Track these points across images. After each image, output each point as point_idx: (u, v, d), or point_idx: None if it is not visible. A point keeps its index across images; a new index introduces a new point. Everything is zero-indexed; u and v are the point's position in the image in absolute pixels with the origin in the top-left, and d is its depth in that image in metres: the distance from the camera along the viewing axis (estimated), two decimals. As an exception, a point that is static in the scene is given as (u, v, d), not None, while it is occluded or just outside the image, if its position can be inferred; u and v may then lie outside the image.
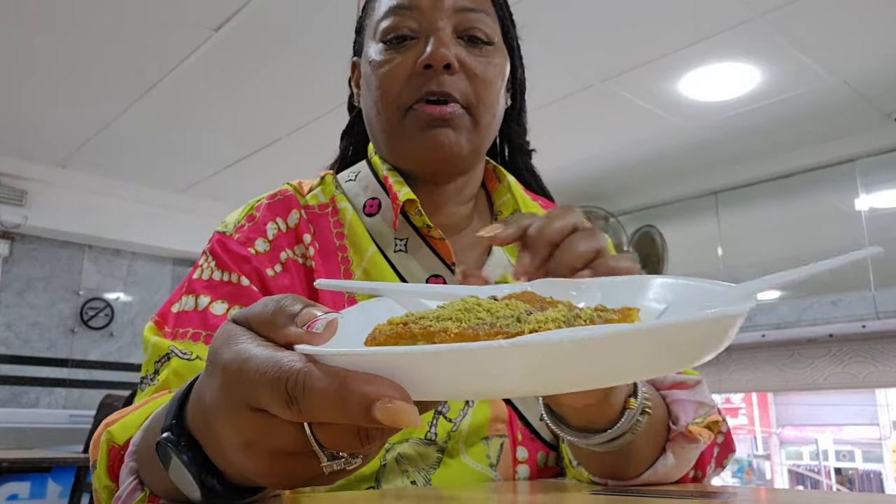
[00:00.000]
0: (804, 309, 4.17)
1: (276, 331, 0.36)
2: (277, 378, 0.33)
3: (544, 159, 0.96)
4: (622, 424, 0.57)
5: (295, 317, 0.36)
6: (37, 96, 3.78)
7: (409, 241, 0.80)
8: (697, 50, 3.18)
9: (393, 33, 0.78)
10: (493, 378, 0.30)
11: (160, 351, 0.69)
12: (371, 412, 0.31)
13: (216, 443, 0.39)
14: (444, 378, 0.31)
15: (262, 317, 0.37)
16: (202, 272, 0.76)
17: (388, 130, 0.79)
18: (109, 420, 0.61)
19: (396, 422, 0.31)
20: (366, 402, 0.31)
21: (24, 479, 3.23)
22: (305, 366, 0.33)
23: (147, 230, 5.28)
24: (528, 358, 0.30)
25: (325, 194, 0.84)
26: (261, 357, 0.34)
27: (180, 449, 0.41)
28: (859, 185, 4.17)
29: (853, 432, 5.95)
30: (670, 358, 0.32)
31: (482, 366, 0.30)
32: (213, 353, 0.37)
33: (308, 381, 0.32)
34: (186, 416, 0.42)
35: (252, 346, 0.35)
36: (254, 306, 0.38)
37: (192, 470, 0.40)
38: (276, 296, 0.38)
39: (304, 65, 3.31)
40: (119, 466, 0.55)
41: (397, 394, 0.31)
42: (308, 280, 0.77)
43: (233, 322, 0.39)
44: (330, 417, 0.33)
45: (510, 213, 0.87)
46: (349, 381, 0.32)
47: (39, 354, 5.00)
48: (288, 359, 0.34)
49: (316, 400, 0.32)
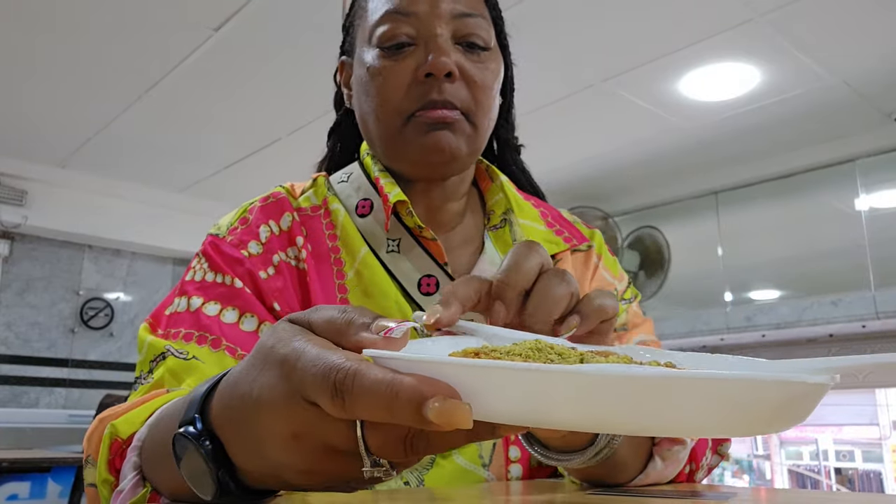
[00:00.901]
0: (804, 309, 4.16)
1: (346, 337, 0.37)
2: (328, 370, 0.33)
3: (544, 159, 0.97)
4: (599, 441, 0.58)
5: (368, 325, 0.36)
6: (37, 96, 3.78)
7: (402, 241, 0.80)
8: (697, 50, 3.18)
9: (391, 41, 0.77)
10: (543, 404, 0.30)
11: (156, 350, 0.69)
12: (422, 411, 0.30)
13: (256, 436, 0.38)
14: (496, 396, 0.31)
15: (334, 323, 0.37)
16: (195, 274, 0.76)
17: (388, 137, 0.79)
18: (105, 415, 0.61)
19: (450, 421, 0.30)
20: (418, 400, 0.31)
21: (24, 479, 3.23)
22: (359, 362, 0.33)
23: (147, 230, 5.28)
24: (579, 387, 0.29)
25: (317, 196, 0.85)
26: (316, 351, 0.35)
27: (201, 443, 0.41)
28: (859, 185, 4.16)
29: (853, 432, 5.95)
30: (744, 416, 0.29)
31: (532, 388, 0.29)
32: (269, 347, 0.37)
33: (359, 375, 0.32)
34: (210, 411, 0.42)
35: (312, 342, 0.36)
36: (318, 312, 0.39)
37: (210, 465, 0.40)
38: (342, 306, 0.39)
39: (304, 65, 3.31)
40: (120, 461, 0.55)
41: (451, 394, 0.31)
42: (301, 282, 0.77)
43: (289, 322, 0.39)
44: (377, 416, 0.32)
45: (502, 212, 0.87)
46: (401, 379, 0.31)
47: (39, 354, 5.00)
48: (343, 354, 0.34)
49: (365, 396, 0.32)
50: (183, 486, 0.43)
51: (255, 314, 0.72)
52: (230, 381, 0.41)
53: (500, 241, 0.85)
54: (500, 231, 0.86)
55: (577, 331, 0.49)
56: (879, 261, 3.98)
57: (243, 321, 0.72)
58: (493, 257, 0.83)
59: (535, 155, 1.01)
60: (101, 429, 0.59)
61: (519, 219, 0.86)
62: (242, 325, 0.72)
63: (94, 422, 0.62)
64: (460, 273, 0.81)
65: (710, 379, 0.28)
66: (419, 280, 0.78)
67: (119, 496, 0.53)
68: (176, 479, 0.44)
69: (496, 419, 0.32)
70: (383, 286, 0.77)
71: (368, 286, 0.77)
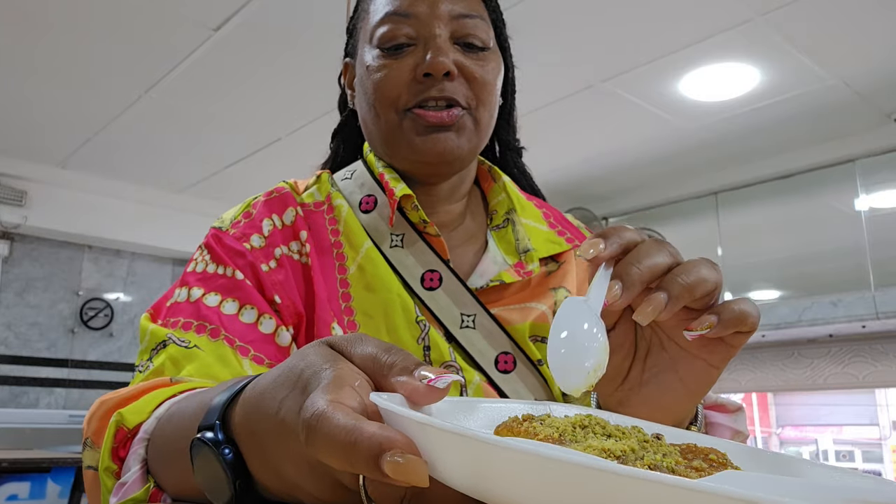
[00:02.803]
0: (804, 309, 4.16)
1: (386, 379, 0.36)
2: (304, 409, 0.33)
3: (544, 159, 0.97)
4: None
5: (411, 371, 0.36)
6: (37, 96, 3.78)
7: (405, 236, 0.80)
8: (697, 50, 3.18)
9: (390, 42, 0.78)
10: (487, 480, 0.28)
11: (157, 338, 0.70)
12: (379, 463, 0.30)
13: (277, 455, 0.38)
14: (444, 462, 0.29)
15: (377, 361, 0.37)
16: (196, 265, 0.76)
17: (385, 133, 0.80)
18: (106, 398, 0.61)
19: (405, 477, 0.29)
20: (376, 451, 0.30)
21: (24, 479, 3.22)
22: (331, 405, 0.32)
23: (147, 230, 5.28)
24: (523, 469, 0.26)
25: (320, 192, 0.85)
26: (324, 385, 0.34)
27: (221, 451, 0.40)
28: (859, 185, 4.16)
29: (853, 432, 5.95)
30: None
31: (474, 461, 0.28)
32: (299, 371, 0.37)
33: (323, 418, 0.32)
34: (232, 419, 0.42)
35: (337, 376, 0.35)
36: (361, 345, 0.38)
37: (229, 474, 0.40)
38: (387, 344, 0.38)
39: (304, 65, 3.31)
40: (125, 451, 0.55)
41: (410, 449, 0.30)
42: (304, 277, 0.77)
43: (329, 345, 0.39)
44: (338, 463, 0.31)
45: (505, 211, 0.87)
46: (362, 429, 0.30)
47: (39, 354, 5.00)
48: (318, 397, 0.33)
49: (326, 440, 0.31)
50: (189, 486, 0.43)
51: (254, 306, 0.73)
52: (256, 392, 0.40)
53: (503, 241, 0.85)
54: (503, 231, 0.86)
55: (711, 333, 0.48)
56: (879, 261, 3.98)
57: (243, 313, 0.72)
58: (496, 256, 0.83)
59: (534, 155, 1.01)
60: (101, 412, 0.59)
61: (522, 218, 0.86)
62: (242, 316, 0.72)
63: (94, 404, 0.62)
64: (463, 270, 0.81)
65: (680, 488, 0.23)
66: (422, 275, 0.78)
67: (122, 487, 0.53)
68: (183, 478, 0.44)
69: (449, 484, 0.31)
70: (386, 280, 0.77)
71: (371, 280, 0.77)
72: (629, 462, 0.31)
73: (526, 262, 0.82)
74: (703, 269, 0.49)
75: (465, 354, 0.76)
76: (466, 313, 0.77)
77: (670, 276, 0.48)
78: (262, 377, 0.41)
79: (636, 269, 0.48)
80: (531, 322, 0.79)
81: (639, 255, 0.49)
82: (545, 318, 0.80)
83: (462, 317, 0.77)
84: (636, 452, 0.32)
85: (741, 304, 0.48)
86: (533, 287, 0.82)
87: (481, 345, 0.76)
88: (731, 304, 0.48)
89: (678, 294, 0.47)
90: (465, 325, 0.77)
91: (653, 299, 0.47)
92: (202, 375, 0.65)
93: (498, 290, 0.80)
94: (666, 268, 0.49)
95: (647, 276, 0.48)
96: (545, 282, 0.83)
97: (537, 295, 0.82)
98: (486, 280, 0.80)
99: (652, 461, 0.31)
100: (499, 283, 0.79)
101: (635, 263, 0.48)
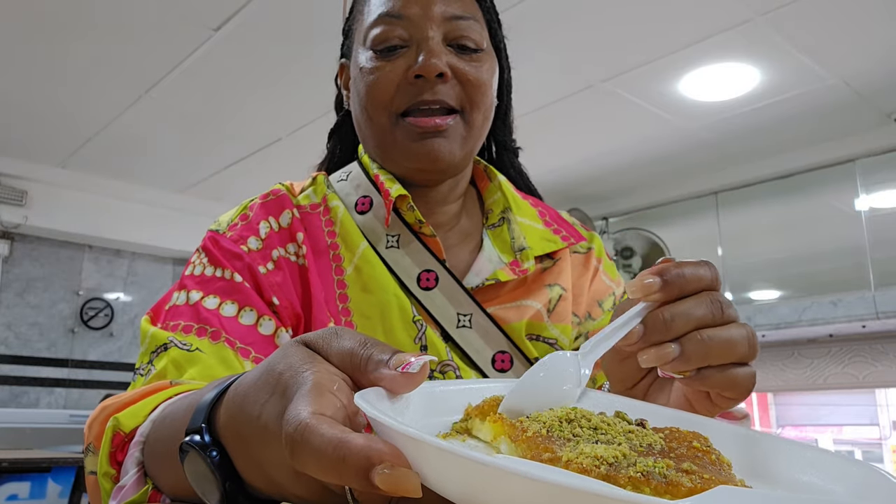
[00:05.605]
0: (804, 309, 4.16)
1: (365, 374, 0.36)
2: (285, 421, 0.32)
3: (544, 159, 0.97)
4: None
5: (386, 362, 0.36)
6: (37, 96, 3.78)
7: (401, 237, 0.81)
8: (697, 50, 3.18)
9: (383, 44, 0.78)
10: (478, 497, 0.28)
11: (158, 341, 0.70)
12: (370, 476, 0.29)
13: (262, 458, 0.38)
14: (437, 477, 0.29)
15: (354, 358, 0.37)
16: (194, 268, 0.76)
17: (378, 137, 0.80)
18: (107, 404, 0.61)
19: (396, 490, 0.29)
20: (365, 466, 0.29)
21: (24, 479, 3.23)
22: (310, 418, 0.31)
23: (147, 230, 5.28)
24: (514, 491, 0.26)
25: (316, 194, 0.85)
26: (303, 391, 0.34)
27: (208, 454, 0.40)
28: (859, 185, 4.16)
29: (853, 432, 5.95)
30: None
31: (468, 479, 0.28)
32: (278, 374, 0.36)
33: (307, 432, 0.31)
34: (217, 420, 0.41)
35: (315, 378, 0.35)
36: (338, 341, 0.38)
37: (217, 476, 0.40)
38: (363, 336, 0.38)
39: (304, 65, 3.31)
40: (122, 455, 0.55)
41: (399, 461, 0.30)
42: (302, 278, 0.77)
43: (305, 345, 0.38)
44: (327, 478, 0.31)
45: (500, 210, 0.88)
46: (349, 442, 0.30)
47: (39, 354, 5.00)
48: (300, 407, 0.32)
49: (312, 456, 0.31)
50: (185, 486, 0.43)
51: (254, 308, 0.73)
52: (239, 393, 0.40)
53: (499, 240, 0.85)
54: (499, 229, 0.86)
55: (682, 379, 0.47)
56: (879, 261, 3.98)
57: (242, 315, 0.72)
58: (491, 255, 0.83)
59: (534, 155, 1.01)
60: (102, 417, 0.59)
61: (517, 217, 0.86)
62: (242, 318, 0.72)
63: (95, 409, 0.62)
64: (459, 269, 0.81)
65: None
66: (418, 275, 0.79)
67: (121, 491, 0.53)
68: (178, 479, 0.44)
69: (442, 494, 0.30)
70: (382, 281, 0.77)
71: (367, 281, 0.78)
72: (622, 469, 0.31)
73: (521, 261, 0.82)
74: (733, 331, 0.46)
75: (462, 354, 0.76)
76: (463, 313, 0.77)
77: (695, 334, 0.45)
78: (245, 377, 0.41)
79: (667, 323, 0.45)
80: (527, 321, 0.79)
81: (678, 309, 0.46)
82: (540, 317, 0.81)
83: (458, 316, 0.77)
84: (628, 458, 0.32)
85: (723, 341, 0.46)
86: (528, 284, 0.83)
87: (478, 344, 0.77)
88: (698, 336, 0.45)
89: (691, 354, 0.45)
90: (462, 325, 0.77)
91: (662, 350, 0.45)
92: (205, 378, 0.65)
93: (494, 289, 0.81)
94: (699, 323, 0.46)
95: (674, 334, 0.46)
96: (540, 279, 0.84)
97: (532, 292, 0.82)
98: (481, 279, 0.80)
99: (644, 468, 0.31)
100: (494, 281, 0.80)
101: (670, 320, 0.45)
